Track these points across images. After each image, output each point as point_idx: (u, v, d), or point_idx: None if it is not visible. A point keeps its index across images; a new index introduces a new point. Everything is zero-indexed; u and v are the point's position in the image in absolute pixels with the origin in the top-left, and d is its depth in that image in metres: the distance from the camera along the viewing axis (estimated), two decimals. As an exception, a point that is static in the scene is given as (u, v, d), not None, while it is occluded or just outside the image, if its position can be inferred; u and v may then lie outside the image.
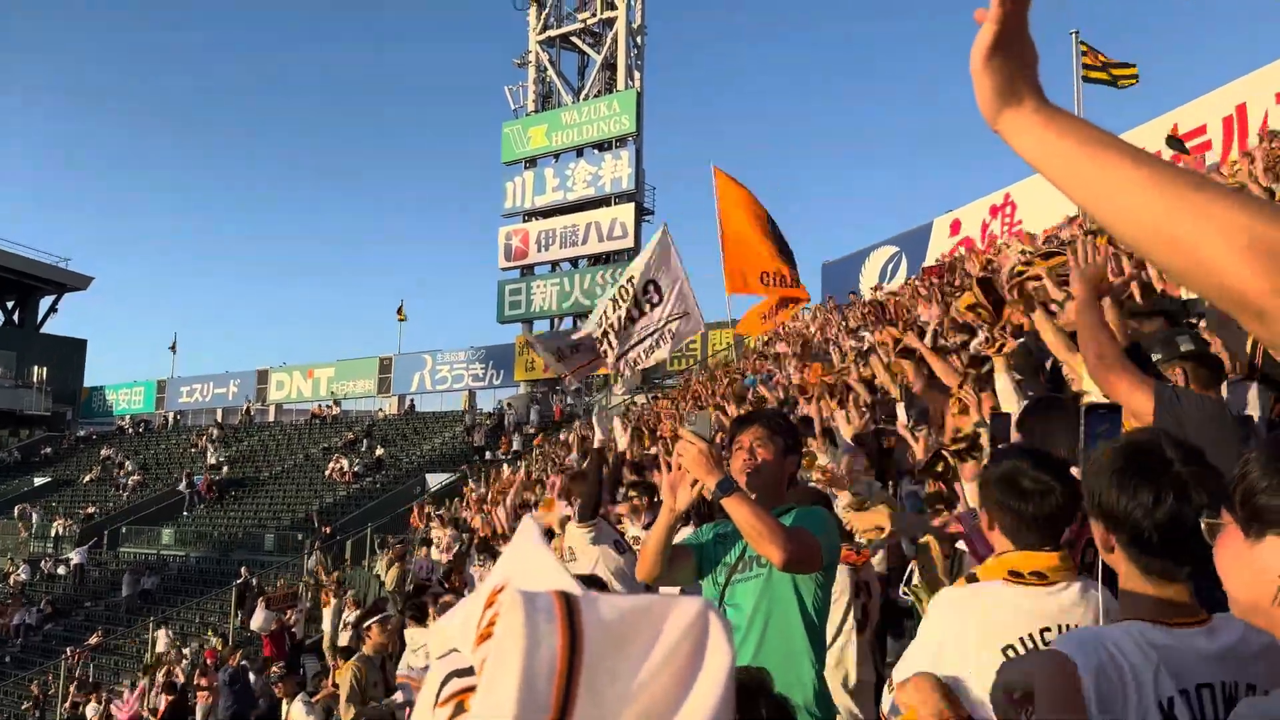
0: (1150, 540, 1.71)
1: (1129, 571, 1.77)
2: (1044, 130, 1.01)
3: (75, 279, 52.61)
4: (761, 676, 1.78)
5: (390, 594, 16.24)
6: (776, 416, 3.29)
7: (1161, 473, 1.70)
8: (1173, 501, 1.67)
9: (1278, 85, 18.53)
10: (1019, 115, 1.03)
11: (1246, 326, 0.95)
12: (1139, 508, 1.69)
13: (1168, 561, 1.72)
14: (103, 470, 41.60)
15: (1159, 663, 1.67)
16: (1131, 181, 0.95)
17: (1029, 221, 24.92)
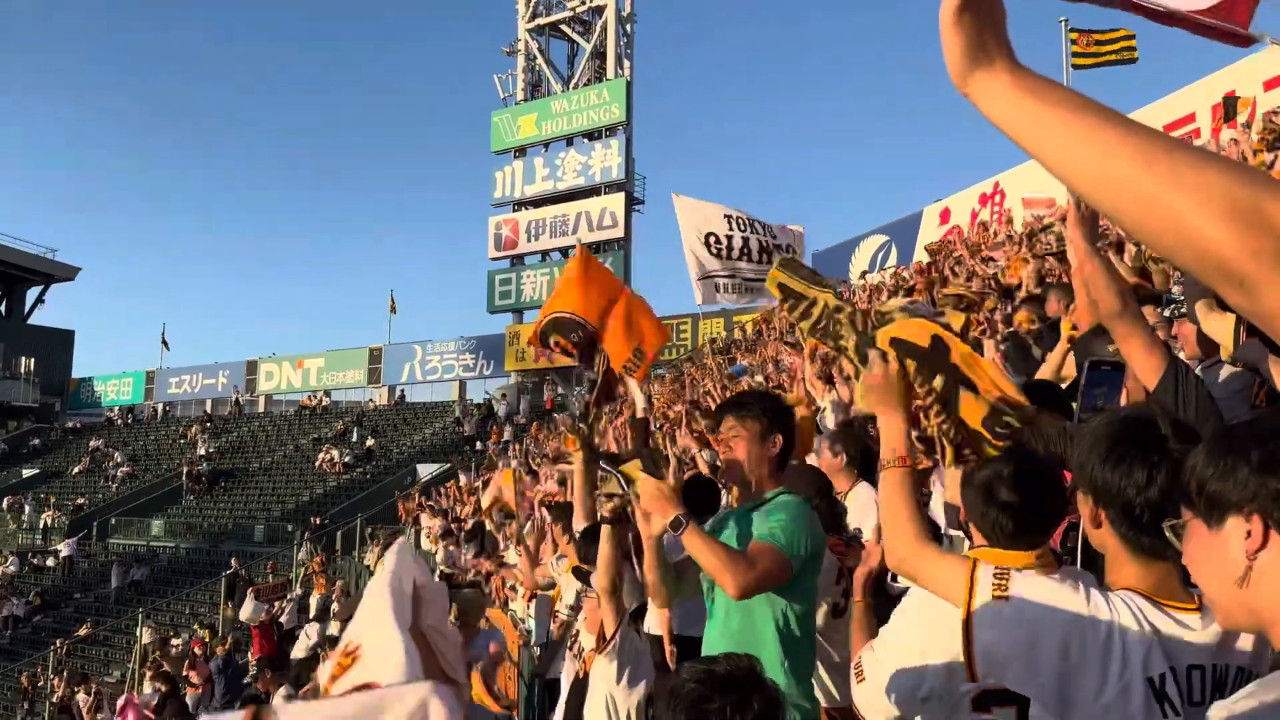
0: (1141, 518, 1.67)
1: (1116, 548, 1.75)
2: (1017, 92, 0.96)
3: (62, 270, 52.29)
4: (752, 665, 1.77)
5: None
6: (748, 398, 3.14)
7: (1156, 449, 1.66)
8: (1165, 479, 1.64)
9: (1266, 74, 18.55)
10: (990, 77, 0.97)
11: (1228, 298, 0.90)
12: (1131, 485, 1.66)
13: (1158, 540, 1.67)
14: (92, 461, 41.45)
15: (1154, 640, 1.65)
16: (1107, 145, 0.91)
17: (1018, 210, 24.94)
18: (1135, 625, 1.67)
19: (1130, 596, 1.72)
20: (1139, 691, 1.63)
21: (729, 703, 1.67)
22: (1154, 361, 2.58)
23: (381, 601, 0.74)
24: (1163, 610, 1.69)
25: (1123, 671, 1.64)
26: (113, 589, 29.21)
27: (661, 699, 1.75)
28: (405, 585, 0.78)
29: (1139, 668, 1.64)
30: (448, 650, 0.85)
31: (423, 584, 0.82)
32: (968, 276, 15.16)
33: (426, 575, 0.84)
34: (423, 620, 0.81)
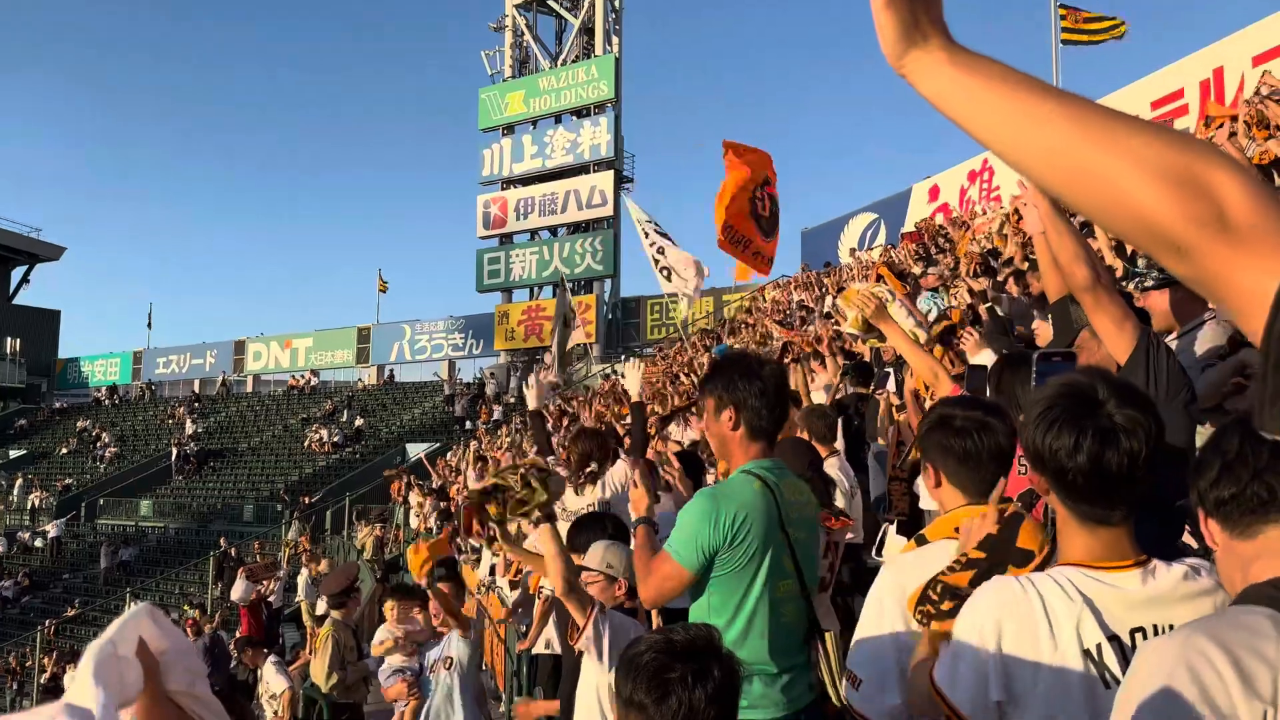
0: (1075, 483, 1.65)
1: (1063, 515, 1.72)
2: (953, 69, 0.94)
3: (47, 249, 51.94)
4: (710, 633, 1.76)
5: (368, 562, 16.22)
6: (708, 374, 3.07)
7: (1087, 415, 1.63)
8: (1093, 445, 1.61)
9: (1255, 49, 18.51)
10: (925, 54, 0.95)
11: (1169, 266, 0.89)
12: (1062, 450, 1.64)
13: (1097, 506, 1.67)
14: (79, 442, 41.31)
15: (1082, 610, 1.62)
16: (1044, 117, 0.90)
17: (1007, 187, 24.95)
18: (1063, 598, 1.63)
19: (1061, 570, 1.69)
20: (1075, 666, 1.61)
21: (689, 671, 1.66)
22: (1125, 336, 2.55)
23: (86, 664, 0.72)
24: (1097, 577, 1.66)
25: (1053, 650, 1.62)
26: (101, 569, 29.20)
27: (620, 669, 1.74)
28: (121, 649, 0.76)
29: (1072, 642, 1.61)
30: (204, 711, 0.83)
31: (161, 649, 0.80)
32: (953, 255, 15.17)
33: (171, 639, 0.82)
34: (165, 685, 0.79)
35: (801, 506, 2.92)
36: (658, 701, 1.66)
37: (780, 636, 2.81)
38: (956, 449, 2.27)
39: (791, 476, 3.00)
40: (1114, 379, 1.73)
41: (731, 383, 2.91)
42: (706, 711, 1.66)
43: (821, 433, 5.61)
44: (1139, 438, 1.62)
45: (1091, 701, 1.60)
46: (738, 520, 2.73)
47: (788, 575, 2.82)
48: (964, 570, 1.93)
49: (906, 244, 22.42)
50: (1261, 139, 9.70)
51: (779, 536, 2.79)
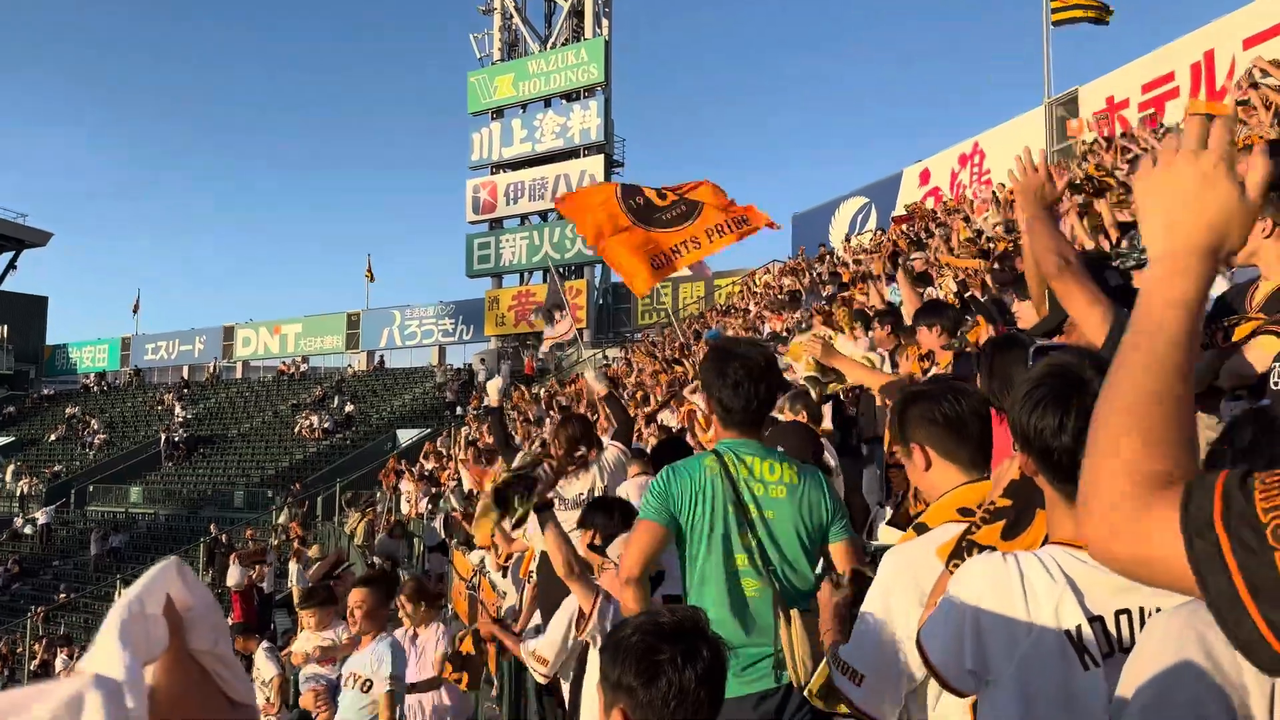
0: (1060, 463, 1.64)
1: (1051, 495, 1.72)
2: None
3: (33, 235, 51.48)
4: (696, 614, 1.76)
5: (359, 548, 16.21)
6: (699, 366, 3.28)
7: (1072, 394, 1.63)
8: (1078, 424, 1.60)
9: (1246, 31, 18.50)
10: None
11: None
12: (1047, 430, 1.64)
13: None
14: (68, 429, 41.15)
15: (1064, 591, 1.61)
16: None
17: (997, 171, 24.94)
18: (1045, 578, 1.63)
19: (1048, 549, 1.69)
20: (1053, 645, 1.60)
21: (678, 652, 1.65)
22: (1096, 318, 2.55)
23: (111, 622, 0.69)
24: (1083, 558, 1.64)
25: (1029, 629, 1.61)
26: (91, 556, 29.14)
27: (608, 653, 1.72)
28: (149, 607, 0.72)
29: (1051, 622, 1.60)
30: (227, 672, 0.80)
31: (187, 605, 0.77)
32: (945, 238, 15.17)
33: (196, 596, 0.79)
34: (190, 643, 0.76)
35: (775, 486, 2.93)
36: (647, 684, 1.65)
37: (739, 614, 2.84)
38: (939, 417, 2.26)
39: (770, 456, 3.01)
40: (1100, 359, 1.72)
41: (708, 373, 3.06)
42: (696, 692, 1.65)
43: (811, 415, 5.59)
44: None
45: (1068, 682, 1.60)
46: (685, 493, 2.89)
47: (743, 551, 2.87)
48: (994, 521, 1.92)
49: (897, 227, 22.43)
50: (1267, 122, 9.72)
51: (732, 513, 2.87)
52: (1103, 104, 22.43)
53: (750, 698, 2.80)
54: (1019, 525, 1.91)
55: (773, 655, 2.81)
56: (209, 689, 0.79)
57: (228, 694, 0.81)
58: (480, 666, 6.16)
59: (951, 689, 1.75)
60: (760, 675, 2.81)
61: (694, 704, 1.65)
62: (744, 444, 3.00)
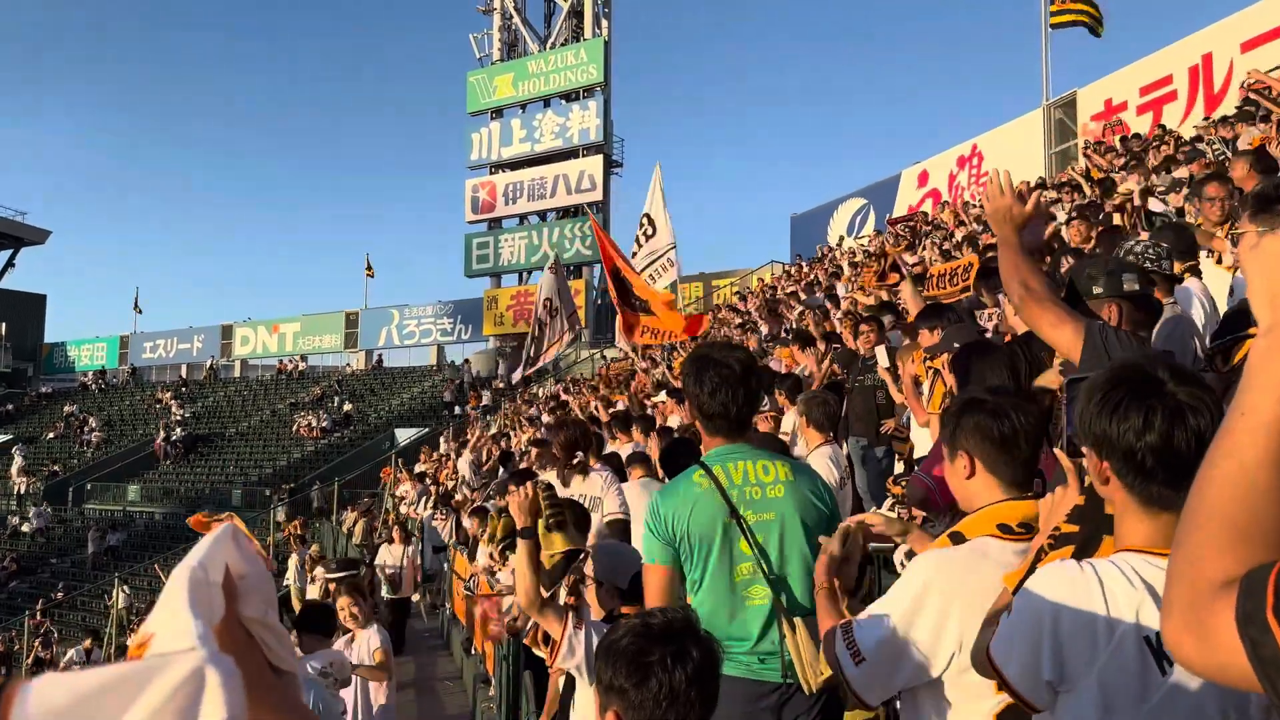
0: (1144, 464, 1.62)
1: (1124, 501, 1.69)
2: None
3: (32, 233, 51.44)
4: (687, 615, 1.78)
5: (358, 547, 16.21)
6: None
7: (1152, 394, 1.62)
8: (1164, 423, 1.59)
9: (1243, 35, 18.54)
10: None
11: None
12: (1130, 430, 1.61)
13: (1165, 488, 1.63)
14: (66, 427, 41.10)
15: (1144, 596, 1.61)
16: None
17: (996, 173, 24.93)
18: (1124, 584, 1.62)
19: (1123, 556, 1.67)
20: (1133, 652, 1.60)
21: (668, 653, 1.68)
22: (1066, 336, 2.55)
23: (178, 588, 0.71)
24: (1159, 564, 1.62)
25: (1110, 635, 1.61)
26: (89, 554, 29.11)
27: (600, 656, 1.75)
28: (212, 574, 0.74)
29: (1131, 628, 1.60)
30: (274, 641, 0.82)
31: (242, 573, 0.79)
32: (945, 237, 15.21)
33: (250, 564, 0.81)
34: (241, 611, 0.78)
35: (772, 486, 2.93)
36: (638, 685, 1.67)
37: (751, 622, 2.84)
38: (994, 432, 2.22)
39: (761, 456, 3.00)
40: (1167, 359, 1.73)
41: (687, 381, 3.07)
42: (687, 692, 1.67)
43: (819, 421, 5.55)
44: (1205, 416, 1.61)
45: (1146, 688, 1.60)
46: (677, 516, 2.88)
47: (746, 558, 2.87)
48: (1061, 548, 1.89)
49: (892, 229, 22.46)
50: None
51: (728, 521, 2.86)
52: (1101, 106, 22.48)
53: (749, 682, 2.81)
54: (1087, 550, 1.88)
55: (779, 657, 2.82)
56: (256, 656, 0.81)
57: (272, 662, 0.84)
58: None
59: (1025, 703, 1.71)
60: (768, 669, 2.82)
61: (685, 704, 1.67)
62: (732, 450, 2.98)
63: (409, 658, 11.68)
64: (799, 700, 2.81)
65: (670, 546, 2.90)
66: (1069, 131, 23.53)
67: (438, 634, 13.10)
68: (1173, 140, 13.57)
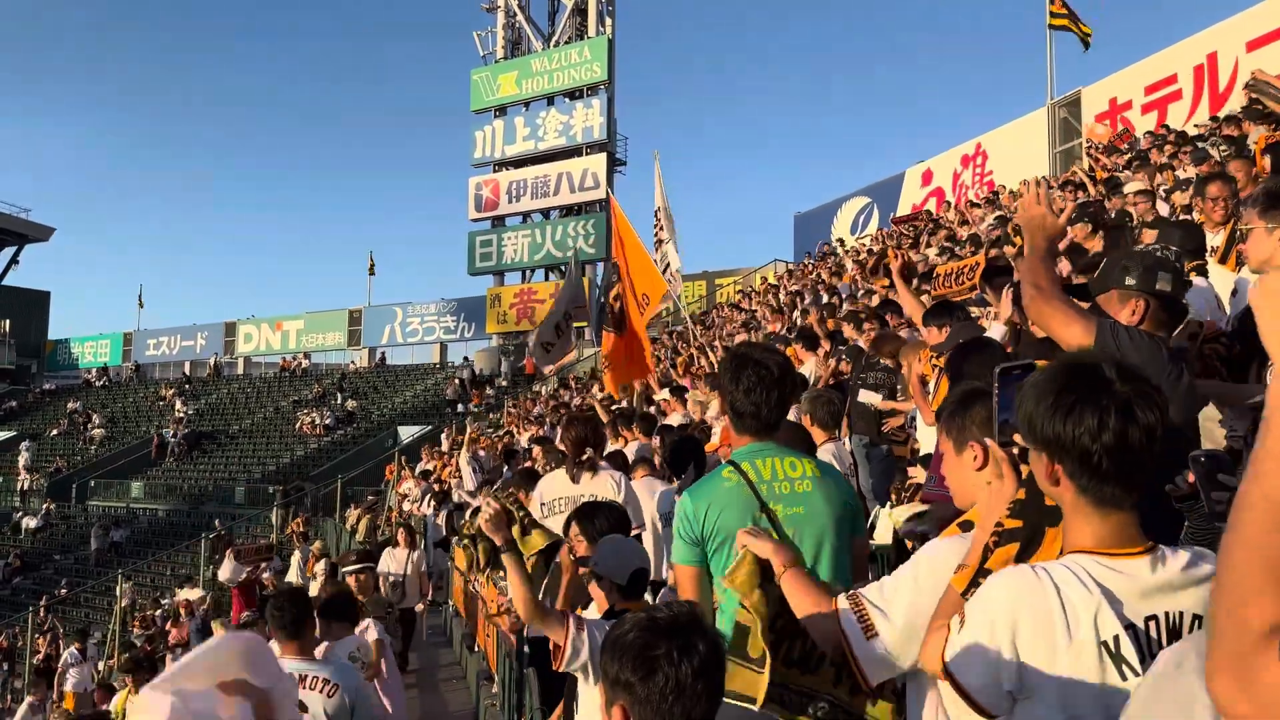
0: (1100, 466, 1.62)
1: (1075, 501, 1.68)
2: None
3: (36, 230, 51.56)
4: (692, 610, 1.78)
5: (360, 544, 16.24)
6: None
7: (1103, 392, 1.61)
8: (1118, 422, 1.59)
9: (1249, 34, 18.50)
10: None
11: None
12: (1085, 433, 1.60)
13: (1118, 487, 1.64)
14: (70, 424, 41.18)
15: (1100, 601, 1.60)
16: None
17: (999, 172, 24.95)
18: (1080, 589, 1.61)
19: (1075, 559, 1.66)
20: (1092, 658, 1.59)
21: (675, 647, 1.67)
22: (1076, 335, 2.55)
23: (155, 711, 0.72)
24: (1112, 565, 1.64)
25: (1069, 642, 1.60)
26: (92, 551, 29.17)
27: (606, 650, 1.75)
28: (193, 703, 0.74)
29: (1090, 634, 1.59)
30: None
31: (269, 685, 0.79)
32: (948, 237, 15.20)
33: (272, 674, 0.81)
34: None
35: (800, 481, 2.95)
36: (644, 679, 1.67)
37: None
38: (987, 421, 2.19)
39: (788, 454, 3.02)
40: (1110, 355, 1.72)
41: (723, 378, 3.10)
42: (694, 686, 1.67)
43: (823, 419, 5.62)
44: (1153, 410, 1.61)
45: (1107, 692, 1.59)
46: (709, 513, 2.90)
47: None
48: (1007, 544, 1.89)
49: (896, 228, 22.44)
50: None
51: (758, 515, 2.87)
52: (1105, 105, 22.44)
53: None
54: (1031, 546, 1.88)
55: None
56: None
57: None
58: None
59: (984, 712, 1.70)
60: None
61: (692, 698, 1.66)
62: (761, 448, 3.00)
63: (411, 653, 11.68)
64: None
65: (698, 547, 2.92)
66: (1073, 130, 23.49)
67: (440, 630, 13.10)
68: (1175, 138, 13.54)
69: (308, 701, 4.38)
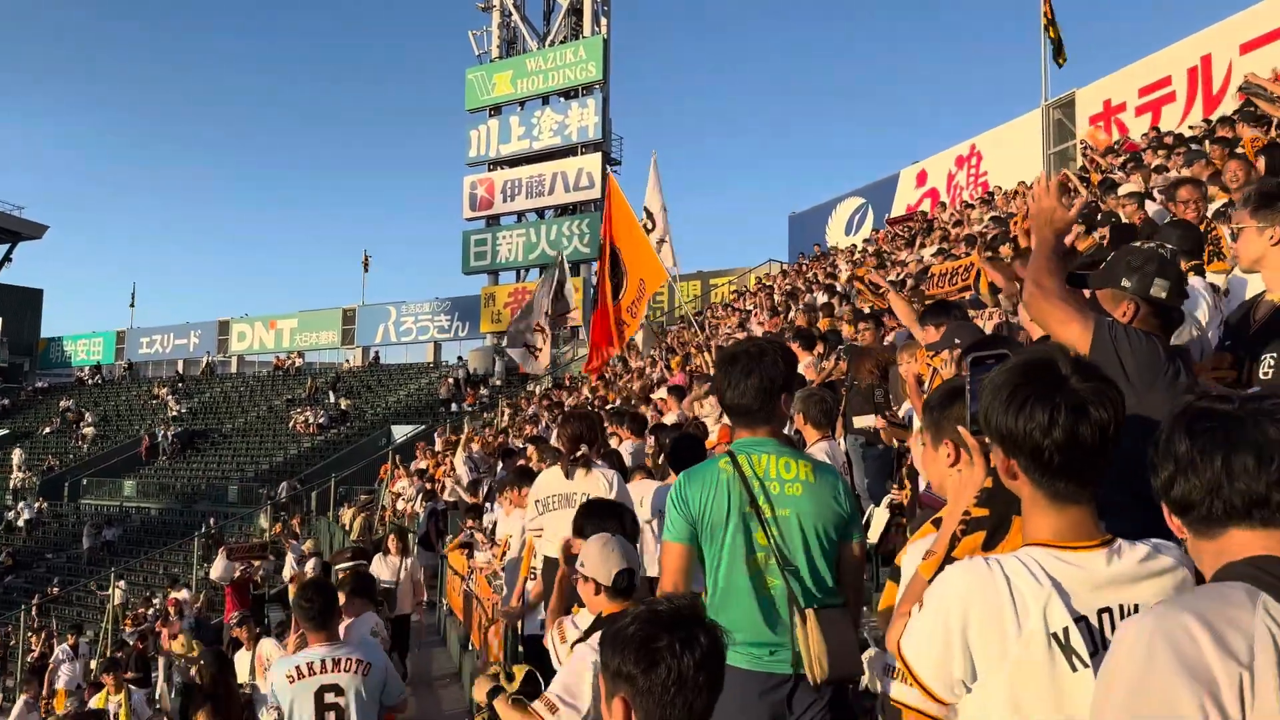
0: (1051, 461, 1.65)
1: (1032, 495, 1.71)
2: None
3: (29, 228, 51.37)
4: (694, 602, 1.79)
5: (354, 543, 16.21)
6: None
7: (1056, 389, 1.64)
8: (1068, 419, 1.62)
9: (1242, 36, 18.57)
10: None
11: None
12: (1036, 428, 1.63)
13: (1071, 483, 1.67)
14: (62, 422, 41.06)
15: (1050, 593, 1.62)
16: None
17: (994, 173, 25.01)
18: (1030, 581, 1.64)
19: (1029, 551, 1.69)
20: (1041, 648, 1.61)
21: (676, 639, 1.68)
22: (1074, 334, 2.54)
23: None
24: (1064, 558, 1.66)
25: (1019, 633, 1.62)
26: (84, 549, 29.09)
27: (606, 643, 1.75)
28: None
29: (1039, 625, 1.61)
30: None
31: None
32: (942, 237, 15.23)
33: None
34: None
35: (791, 484, 2.97)
36: (646, 671, 1.67)
37: (763, 611, 2.89)
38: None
39: (785, 454, 3.04)
40: (1068, 352, 1.75)
41: (716, 374, 3.20)
42: (695, 678, 1.67)
43: (816, 418, 5.65)
44: (1107, 408, 1.64)
45: (1057, 683, 1.61)
46: (700, 498, 2.96)
47: (761, 548, 2.92)
48: (974, 532, 1.91)
49: (891, 228, 22.48)
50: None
51: (748, 513, 2.91)
52: (1100, 107, 22.52)
53: (760, 676, 2.85)
54: (998, 534, 1.90)
55: (790, 650, 2.85)
56: None
57: None
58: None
59: (934, 699, 1.73)
60: (778, 660, 2.87)
61: (693, 689, 1.67)
62: (759, 443, 3.04)
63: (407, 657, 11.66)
64: (807, 692, 2.84)
65: (690, 525, 2.98)
66: (1068, 132, 23.56)
67: (434, 629, 13.09)
68: (1173, 140, 13.59)
69: (342, 683, 4.47)
